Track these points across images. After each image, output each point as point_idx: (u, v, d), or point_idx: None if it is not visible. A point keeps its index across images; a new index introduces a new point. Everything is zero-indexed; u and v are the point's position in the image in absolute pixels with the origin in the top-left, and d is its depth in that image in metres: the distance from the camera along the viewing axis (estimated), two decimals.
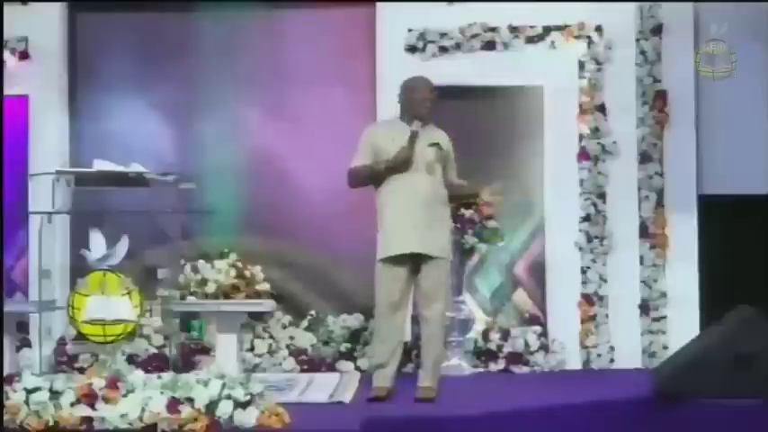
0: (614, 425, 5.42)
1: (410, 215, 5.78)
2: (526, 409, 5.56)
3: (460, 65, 7.40)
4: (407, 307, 5.99)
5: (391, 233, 5.81)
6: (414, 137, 5.81)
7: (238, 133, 7.58)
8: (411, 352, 6.76)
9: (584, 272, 7.33)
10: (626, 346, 7.27)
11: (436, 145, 5.91)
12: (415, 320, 6.45)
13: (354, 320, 7.34)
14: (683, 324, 7.10)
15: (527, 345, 7.22)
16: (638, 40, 7.40)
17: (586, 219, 7.35)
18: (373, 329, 6.03)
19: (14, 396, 4.81)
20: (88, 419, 4.76)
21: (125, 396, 4.80)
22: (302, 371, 7.12)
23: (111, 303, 6.01)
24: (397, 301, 5.83)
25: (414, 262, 5.82)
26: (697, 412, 5.36)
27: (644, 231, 7.35)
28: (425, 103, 5.93)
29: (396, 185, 5.82)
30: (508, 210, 7.19)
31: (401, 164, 5.81)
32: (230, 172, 7.49)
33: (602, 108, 7.40)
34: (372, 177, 5.89)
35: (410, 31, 7.44)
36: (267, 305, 6.54)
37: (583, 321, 7.30)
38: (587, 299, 7.31)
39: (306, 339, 7.29)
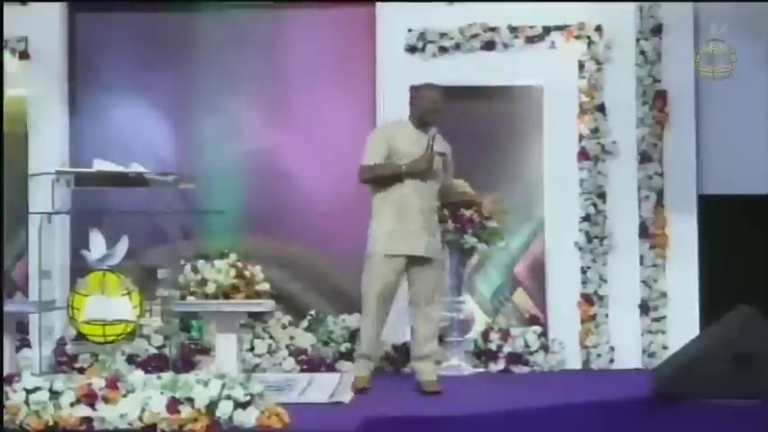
0: (614, 425, 5.43)
1: (419, 219, 6.06)
2: (526, 409, 5.57)
3: (460, 65, 7.40)
4: (392, 303, 6.15)
5: (399, 232, 6.03)
6: (432, 147, 6.02)
7: (238, 133, 7.57)
8: (411, 352, 6.75)
9: (584, 272, 7.33)
10: (626, 346, 7.26)
11: (443, 155, 6.19)
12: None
13: (354, 320, 7.32)
14: (683, 324, 7.10)
15: (527, 345, 7.22)
16: (638, 40, 7.40)
17: (586, 219, 7.35)
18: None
19: (14, 396, 4.82)
20: (88, 419, 4.77)
21: (125, 396, 4.81)
22: (302, 371, 7.11)
23: (111, 303, 6.02)
24: (389, 296, 6.08)
25: (408, 261, 6.06)
26: (697, 412, 5.37)
27: (644, 231, 7.35)
28: (438, 110, 6.14)
29: (407, 188, 6.04)
30: (508, 210, 7.19)
31: (422, 170, 6.01)
32: (230, 172, 7.49)
33: (601, 108, 7.40)
34: (391, 178, 6.05)
35: (410, 31, 7.43)
36: (267, 305, 6.53)
37: (583, 321, 7.30)
38: (587, 299, 7.31)
39: (306, 339, 7.29)
